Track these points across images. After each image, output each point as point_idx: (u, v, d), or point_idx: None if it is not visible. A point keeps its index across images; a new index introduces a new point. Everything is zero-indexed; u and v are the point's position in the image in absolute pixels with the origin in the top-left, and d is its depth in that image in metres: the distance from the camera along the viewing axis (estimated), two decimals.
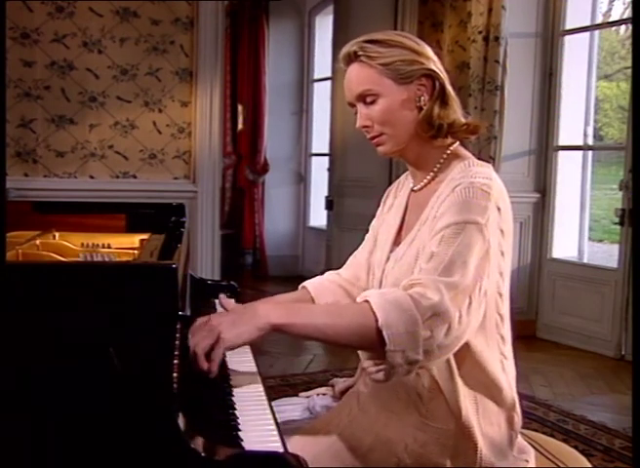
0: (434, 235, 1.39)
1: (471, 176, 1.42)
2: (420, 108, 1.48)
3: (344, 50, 1.50)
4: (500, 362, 1.49)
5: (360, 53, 1.47)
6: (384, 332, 1.26)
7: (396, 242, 1.58)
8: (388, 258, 1.57)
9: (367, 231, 1.73)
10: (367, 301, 1.32)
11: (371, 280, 1.63)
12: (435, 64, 1.50)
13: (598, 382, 3.96)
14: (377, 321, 1.27)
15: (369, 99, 1.48)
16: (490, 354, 1.46)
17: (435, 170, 1.53)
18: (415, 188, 1.58)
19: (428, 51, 1.52)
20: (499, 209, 1.41)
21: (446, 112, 1.49)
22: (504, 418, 1.49)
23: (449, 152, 1.53)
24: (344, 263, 1.76)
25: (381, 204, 1.72)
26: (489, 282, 1.38)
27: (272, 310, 1.32)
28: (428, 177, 1.54)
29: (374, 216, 1.73)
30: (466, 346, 1.40)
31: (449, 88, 1.51)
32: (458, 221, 1.37)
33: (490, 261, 1.37)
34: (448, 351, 1.33)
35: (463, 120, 1.52)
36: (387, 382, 1.34)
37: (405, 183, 1.66)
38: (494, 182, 1.43)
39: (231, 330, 1.28)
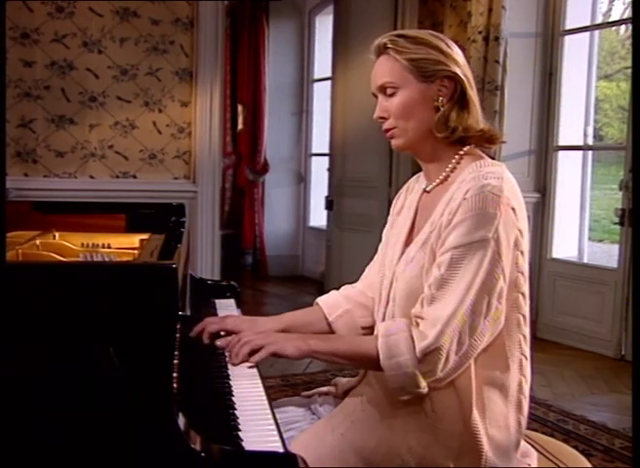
0: (444, 252, 1.42)
1: (482, 178, 1.43)
2: (438, 108, 1.50)
3: (376, 41, 1.54)
4: (520, 361, 1.49)
5: (389, 45, 1.50)
6: (386, 373, 1.40)
7: (407, 243, 1.58)
8: (399, 260, 1.57)
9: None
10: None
11: (381, 281, 1.63)
12: (462, 69, 1.51)
13: (598, 382, 3.95)
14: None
15: (389, 92, 1.51)
16: (506, 355, 1.47)
17: (448, 170, 1.53)
18: (427, 189, 1.58)
19: (458, 55, 1.52)
20: (513, 209, 1.42)
21: (463, 117, 1.50)
22: (513, 420, 1.49)
23: (462, 153, 1.53)
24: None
25: (391, 209, 1.72)
26: (505, 286, 1.41)
27: (311, 338, 1.50)
28: (441, 177, 1.54)
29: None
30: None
31: (470, 94, 1.51)
32: (465, 243, 1.39)
33: (502, 272, 1.40)
34: (457, 369, 1.41)
35: (481, 126, 1.52)
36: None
37: (415, 186, 1.67)
38: (505, 183, 1.43)
39: (283, 342, 1.46)
